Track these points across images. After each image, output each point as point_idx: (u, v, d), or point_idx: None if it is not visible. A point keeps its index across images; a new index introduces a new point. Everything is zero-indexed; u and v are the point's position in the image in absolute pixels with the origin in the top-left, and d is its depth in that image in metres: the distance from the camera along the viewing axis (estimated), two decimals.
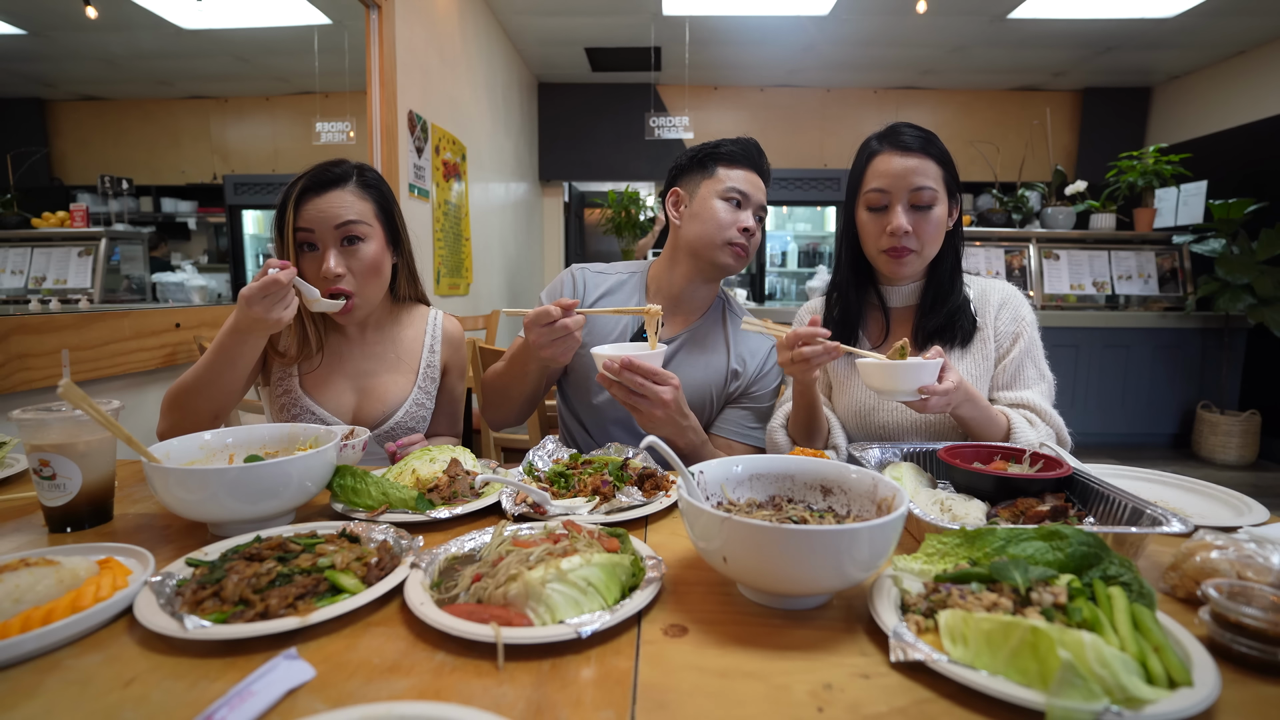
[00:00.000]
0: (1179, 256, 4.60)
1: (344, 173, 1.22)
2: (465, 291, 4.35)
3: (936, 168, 1.20)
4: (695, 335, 1.39)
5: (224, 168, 3.30)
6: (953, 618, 0.56)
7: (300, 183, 1.19)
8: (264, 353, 1.28)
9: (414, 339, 1.37)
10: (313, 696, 0.52)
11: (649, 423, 1.10)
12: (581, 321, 1.10)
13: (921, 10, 4.44)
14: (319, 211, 1.18)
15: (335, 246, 1.19)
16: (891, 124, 1.25)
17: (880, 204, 1.21)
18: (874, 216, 1.22)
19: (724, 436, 1.37)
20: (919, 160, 1.18)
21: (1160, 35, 5.13)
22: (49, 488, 0.86)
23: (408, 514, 0.89)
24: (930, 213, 1.19)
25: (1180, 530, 0.72)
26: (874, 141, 1.25)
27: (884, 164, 1.20)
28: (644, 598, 0.64)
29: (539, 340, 1.09)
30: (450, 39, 3.94)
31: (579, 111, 6.64)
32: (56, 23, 2.38)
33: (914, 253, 1.20)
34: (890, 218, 1.19)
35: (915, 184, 1.18)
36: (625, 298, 1.41)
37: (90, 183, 2.73)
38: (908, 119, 1.31)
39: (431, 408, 1.37)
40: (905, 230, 1.18)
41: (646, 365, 1.06)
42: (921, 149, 1.19)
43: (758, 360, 1.38)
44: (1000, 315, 1.27)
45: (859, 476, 0.79)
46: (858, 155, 1.27)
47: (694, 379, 1.35)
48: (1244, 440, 4.27)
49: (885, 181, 1.19)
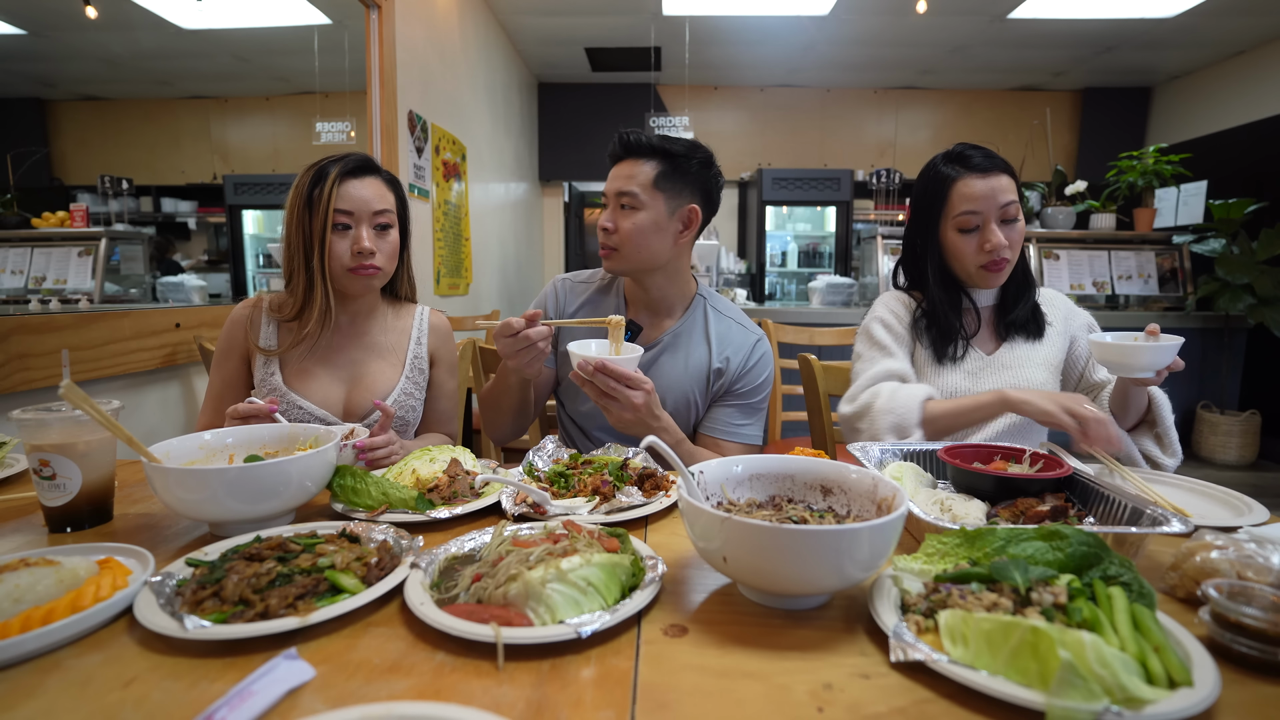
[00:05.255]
0: (1179, 256, 4.59)
1: (371, 161, 1.29)
2: (465, 291, 4.35)
3: (1010, 180, 1.30)
4: (677, 337, 1.37)
5: (224, 168, 3.30)
6: (953, 618, 0.56)
7: (336, 166, 1.23)
8: (245, 351, 1.31)
9: (401, 332, 1.39)
10: (313, 696, 0.52)
11: (619, 423, 1.12)
12: (545, 333, 1.12)
13: (921, 10, 4.44)
14: (359, 196, 1.23)
15: (370, 227, 1.25)
16: (955, 148, 1.34)
17: (972, 225, 1.30)
18: (967, 237, 1.31)
19: (713, 435, 1.36)
20: (997, 179, 1.28)
21: (1160, 35, 5.13)
22: (49, 488, 0.86)
23: (408, 514, 0.89)
24: (1016, 224, 1.30)
25: (1180, 530, 0.72)
26: (947, 167, 1.32)
27: (968, 188, 1.29)
28: (644, 598, 0.64)
29: (504, 351, 1.13)
30: (450, 39, 3.94)
31: (579, 111, 6.64)
32: (56, 23, 2.38)
33: (1009, 262, 1.31)
34: (988, 236, 1.28)
35: (1003, 201, 1.28)
36: (606, 305, 1.42)
37: (90, 183, 2.73)
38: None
39: (421, 400, 1.39)
40: (1004, 244, 1.28)
41: (619, 369, 1.06)
42: (1001, 168, 1.30)
43: (740, 357, 1.36)
44: (1071, 317, 1.43)
45: (859, 476, 0.79)
46: (930, 181, 1.35)
47: (675, 379, 1.34)
48: (1244, 440, 4.27)
49: (976, 204, 1.28)
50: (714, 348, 1.37)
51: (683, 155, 1.28)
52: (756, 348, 1.38)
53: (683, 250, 1.35)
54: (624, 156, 1.30)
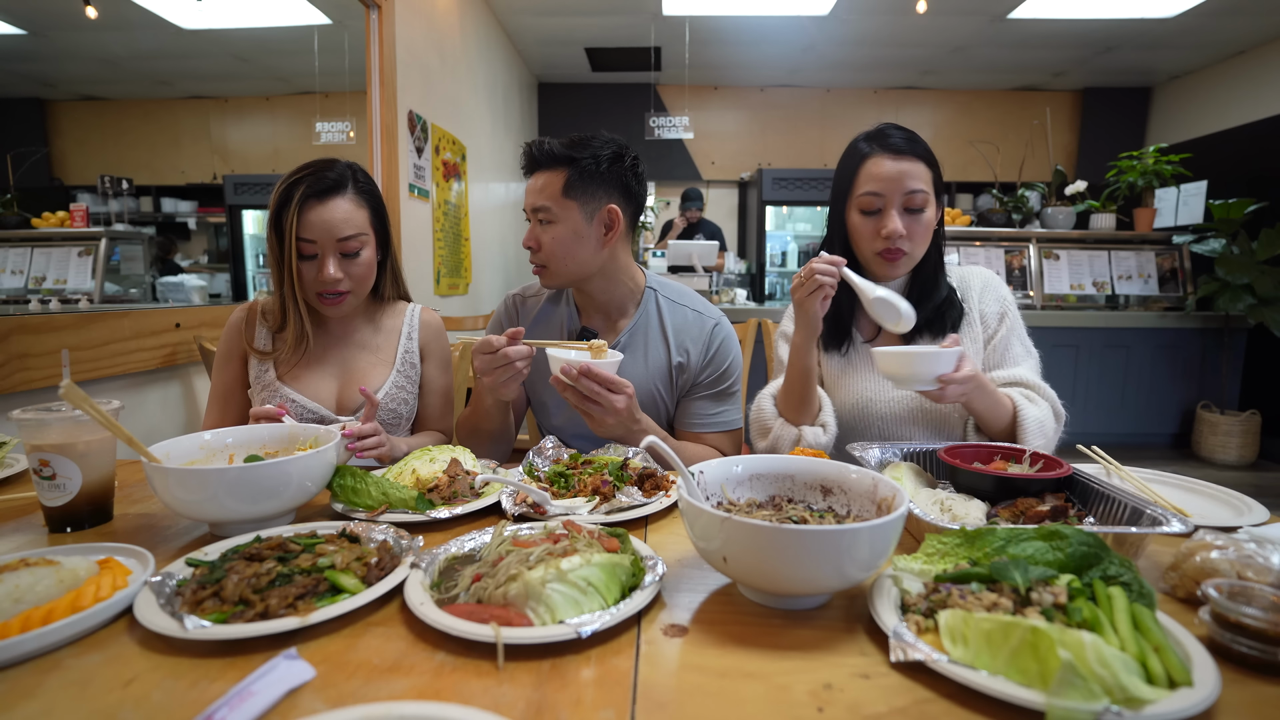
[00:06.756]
0: (1179, 256, 4.60)
1: (340, 177, 1.23)
2: (465, 291, 4.35)
3: (926, 169, 1.21)
4: (633, 335, 1.35)
5: (224, 168, 3.29)
6: (953, 618, 0.56)
7: (300, 188, 1.18)
8: (244, 354, 1.32)
9: (392, 329, 1.40)
10: (313, 696, 0.52)
11: (600, 427, 1.11)
12: (525, 353, 1.10)
13: (921, 10, 4.44)
14: (322, 222, 1.19)
15: (335, 255, 1.22)
16: (879, 125, 1.25)
17: (874, 207, 1.22)
18: (867, 219, 1.23)
19: (691, 431, 1.34)
20: (911, 164, 1.20)
21: (1160, 35, 5.13)
22: (49, 488, 0.86)
23: (408, 514, 0.89)
24: (922, 215, 1.21)
25: (1180, 530, 0.72)
26: (863, 144, 1.25)
27: (877, 167, 1.21)
28: (644, 598, 0.64)
29: (481, 367, 1.10)
30: (450, 39, 3.94)
31: (579, 111, 6.64)
32: (56, 23, 2.38)
33: (906, 254, 1.22)
34: (885, 221, 1.20)
35: (909, 187, 1.19)
36: (558, 315, 1.41)
37: (90, 183, 2.73)
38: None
39: (414, 395, 1.39)
40: (901, 234, 1.20)
41: (603, 373, 1.05)
42: (912, 151, 1.21)
43: (699, 347, 1.34)
44: (984, 298, 1.31)
45: (859, 476, 0.79)
46: (846, 157, 1.27)
47: (637, 378, 1.31)
48: (1244, 440, 4.27)
49: (879, 185, 1.20)
50: (671, 342, 1.33)
51: (588, 158, 1.21)
52: (715, 333, 1.34)
53: (616, 252, 1.30)
54: (533, 169, 1.25)
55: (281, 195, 1.19)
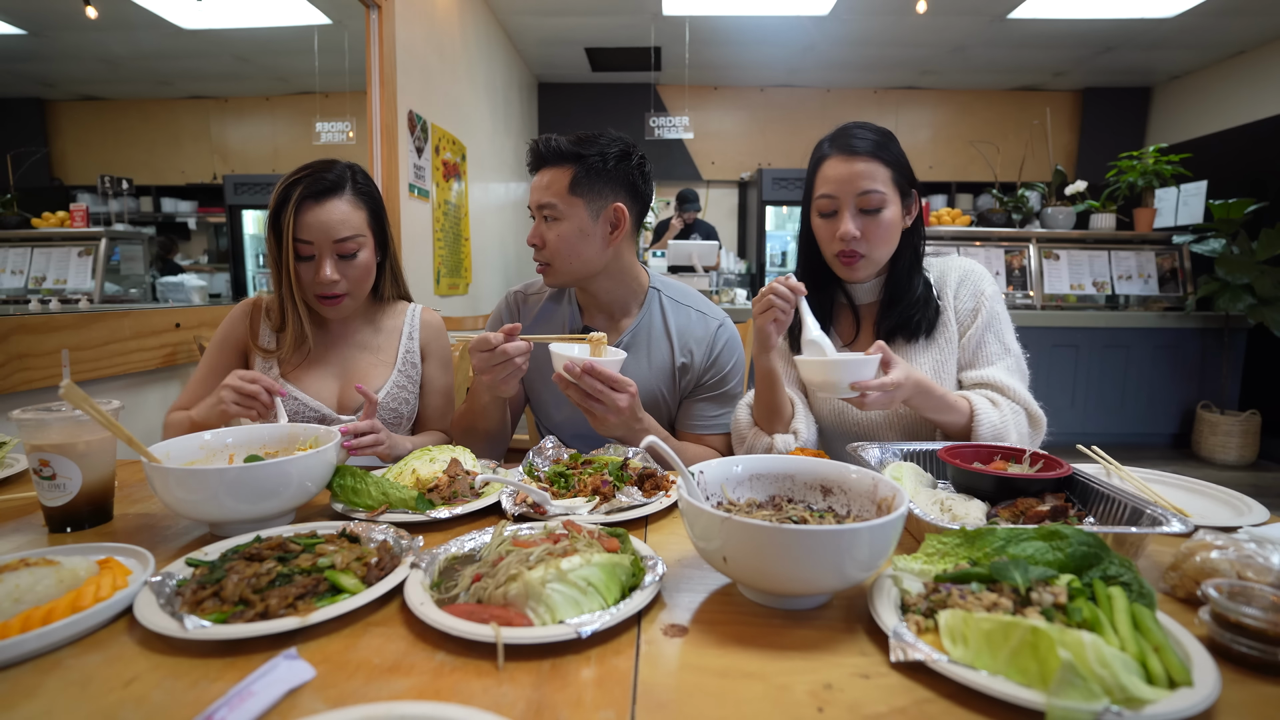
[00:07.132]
0: (1179, 256, 4.60)
1: (338, 178, 1.23)
2: (465, 291, 4.35)
3: (885, 170, 1.17)
4: (635, 336, 1.34)
5: (224, 168, 3.29)
6: (953, 618, 0.56)
7: (298, 189, 1.18)
8: (242, 344, 1.32)
9: (393, 329, 1.41)
10: (313, 696, 0.52)
11: (602, 426, 1.10)
12: (524, 349, 1.09)
13: (921, 10, 4.44)
14: (319, 223, 1.19)
15: (331, 257, 1.22)
16: (844, 125, 1.22)
17: (830, 210, 1.19)
18: (825, 222, 1.21)
19: (693, 432, 1.34)
20: (866, 164, 1.16)
21: (1160, 35, 5.14)
22: (49, 488, 0.86)
23: (408, 514, 0.89)
24: (879, 215, 1.17)
25: (1180, 530, 0.72)
26: (825, 145, 1.22)
27: (832, 169, 1.18)
28: (644, 598, 0.64)
29: (479, 365, 1.09)
30: (450, 39, 3.94)
31: (579, 111, 6.64)
32: (56, 23, 2.38)
33: (864, 256, 1.19)
34: (839, 223, 1.18)
35: (862, 188, 1.16)
36: (560, 314, 1.40)
37: (90, 183, 2.73)
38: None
39: (415, 395, 1.40)
40: (854, 236, 1.17)
41: (607, 371, 1.05)
42: (869, 151, 1.17)
43: (703, 349, 1.33)
44: (959, 293, 1.25)
45: (859, 476, 0.79)
46: (811, 159, 1.25)
47: (640, 378, 1.30)
48: (1244, 440, 4.27)
49: (832, 187, 1.18)
50: (675, 343, 1.33)
51: (595, 155, 1.21)
52: (719, 334, 1.34)
53: (621, 250, 1.29)
54: (539, 166, 1.24)
55: (280, 196, 1.20)
